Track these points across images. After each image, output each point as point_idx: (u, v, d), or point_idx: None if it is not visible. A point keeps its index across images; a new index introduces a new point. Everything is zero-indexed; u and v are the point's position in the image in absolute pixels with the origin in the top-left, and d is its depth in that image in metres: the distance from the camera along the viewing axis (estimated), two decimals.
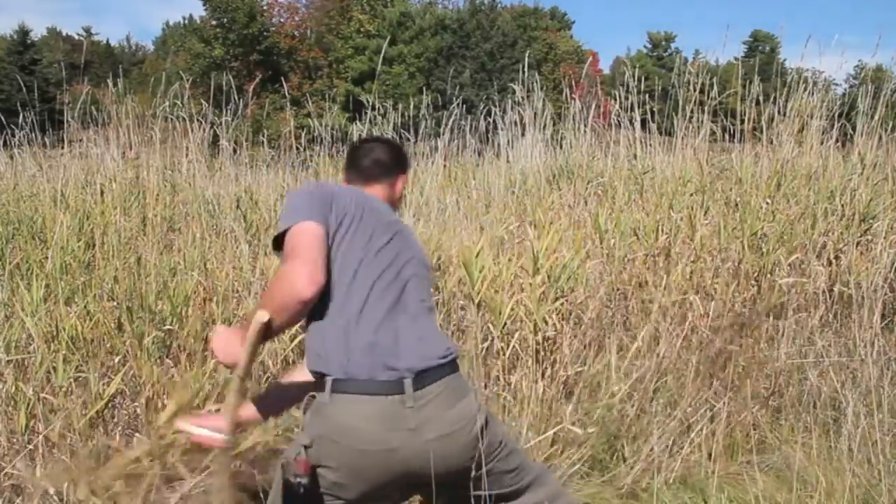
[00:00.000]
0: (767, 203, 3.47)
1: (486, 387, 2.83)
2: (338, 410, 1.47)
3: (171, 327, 2.84)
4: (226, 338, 1.48)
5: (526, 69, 4.21)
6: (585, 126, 4.49)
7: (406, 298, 1.57)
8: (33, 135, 5.10)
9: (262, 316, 1.41)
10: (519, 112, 4.24)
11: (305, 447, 1.48)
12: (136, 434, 2.40)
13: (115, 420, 2.54)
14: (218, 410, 1.70)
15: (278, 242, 1.56)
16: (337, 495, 1.51)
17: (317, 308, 1.50)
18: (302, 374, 1.69)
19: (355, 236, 1.58)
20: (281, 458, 1.61)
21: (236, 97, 4.67)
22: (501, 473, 1.61)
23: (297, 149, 4.99)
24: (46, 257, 3.20)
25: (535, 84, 4.28)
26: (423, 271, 1.66)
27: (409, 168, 1.97)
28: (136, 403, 2.56)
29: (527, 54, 4.88)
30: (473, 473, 1.55)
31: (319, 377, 1.51)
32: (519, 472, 1.66)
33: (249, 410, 1.70)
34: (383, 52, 5.49)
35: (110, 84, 4.78)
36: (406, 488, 1.59)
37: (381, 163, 1.85)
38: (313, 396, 1.53)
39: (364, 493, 1.51)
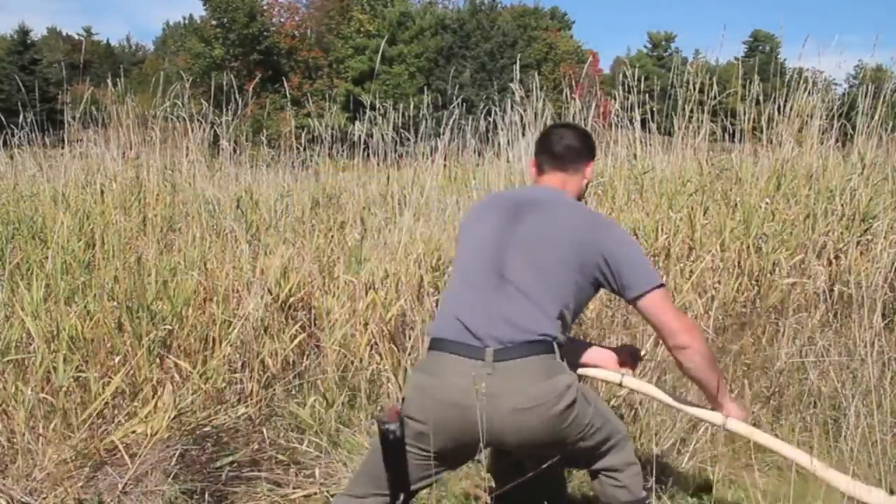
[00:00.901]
0: (767, 203, 3.46)
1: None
2: (429, 365, 1.67)
3: (170, 327, 2.84)
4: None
5: (518, 71, 4.20)
6: (585, 126, 4.49)
7: (515, 276, 1.69)
8: (33, 135, 5.10)
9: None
10: (519, 112, 4.24)
11: (403, 399, 1.66)
12: None
13: (115, 420, 2.54)
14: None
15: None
16: (421, 447, 1.64)
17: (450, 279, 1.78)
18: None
19: (487, 211, 1.85)
20: (378, 412, 1.69)
21: (236, 97, 4.67)
22: (583, 449, 1.73)
23: (298, 149, 4.99)
24: (46, 257, 3.20)
25: (534, 84, 4.27)
26: (543, 252, 1.73)
27: (595, 155, 2.06)
28: (135, 403, 2.56)
29: (518, 57, 4.87)
30: (560, 445, 1.67)
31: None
32: (602, 443, 1.77)
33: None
34: (381, 50, 5.49)
35: (110, 84, 4.78)
36: (487, 448, 1.72)
37: (574, 149, 1.95)
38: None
39: (445, 448, 1.64)
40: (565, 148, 1.94)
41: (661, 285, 1.71)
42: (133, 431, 2.38)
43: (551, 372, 1.63)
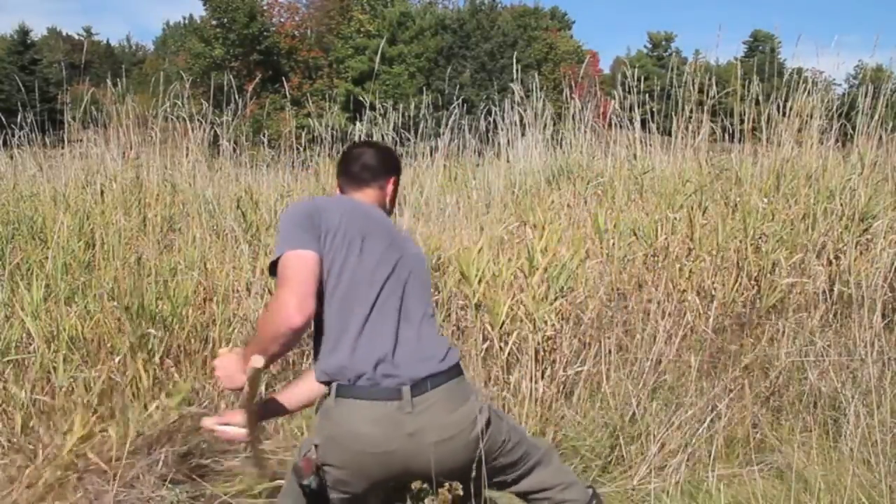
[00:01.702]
0: (767, 203, 3.47)
1: (486, 386, 2.83)
2: (342, 414, 1.55)
3: (171, 327, 2.84)
4: (228, 363, 1.60)
5: (518, 71, 4.20)
6: (585, 126, 4.49)
7: (407, 307, 1.62)
8: (33, 135, 5.10)
9: (258, 361, 1.50)
10: (519, 112, 4.24)
11: (315, 446, 1.59)
12: None
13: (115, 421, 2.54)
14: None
15: (273, 268, 1.60)
16: (342, 490, 1.61)
17: (322, 322, 1.58)
18: (311, 379, 1.73)
19: (350, 251, 1.61)
20: (292, 460, 1.72)
21: (236, 97, 4.67)
22: (504, 466, 1.70)
23: (297, 149, 4.99)
24: (46, 257, 3.20)
25: (534, 84, 4.28)
26: (421, 275, 1.70)
27: (400, 171, 1.97)
28: (134, 403, 2.56)
29: (518, 57, 4.88)
30: (474, 471, 1.62)
31: (327, 384, 1.60)
32: (521, 461, 1.74)
33: (272, 406, 1.79)
34: (381, 51, 5.49)
35: (110, 84, 4.78)
36: (409, 481, 1.67)
37: (370, 167, 1.86)
38: (324, 398, 1.62)
39: (367, 489, 1.61)
40: (362, 167, 1.86)
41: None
42: (103, 432, 2.36)
43: (464, 397, 1.61)
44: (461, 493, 1.61)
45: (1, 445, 2.35)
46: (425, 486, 1.67)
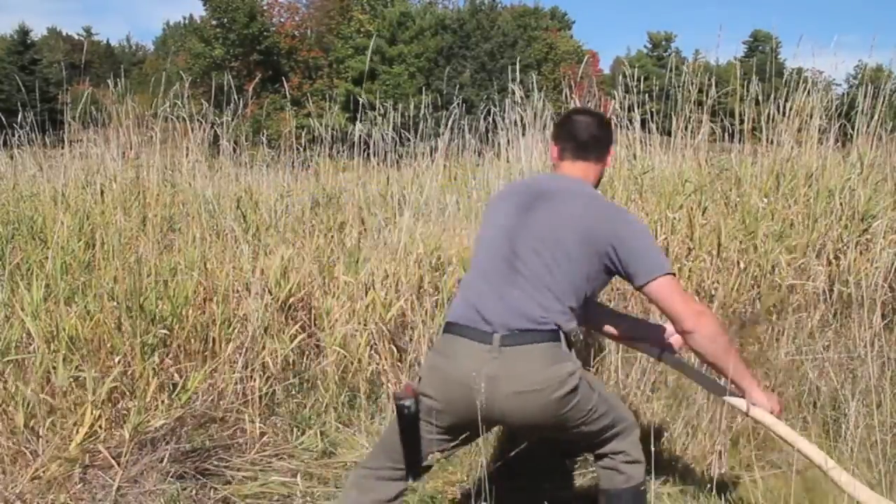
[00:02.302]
0: (766, 203, 3.46)
1: None
2: (442, 345, 1.79)
3: (171, 327, 2.84)
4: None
5: (517, 72, 4.20)
6: None
7: (527, 272, 1.76)
8: (33, 135, 5.09)
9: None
10: (519, 112, 4.24)
11: (419, 378, 1.79)
12: None
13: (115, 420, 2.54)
14: None
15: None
16: (432, 421, 1.75)
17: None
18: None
19: (494, 218, 1.89)
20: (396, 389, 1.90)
21: (236, 97, 4.67)
22: (586, 433, 1.82)
23: (298, 149, 4.99)
24: (46, 257, 3.20)
25: (533, 84, 4.27)
26: (559, 250, 1.78)
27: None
28: (135, 402, 2.56)
29: (518, 57, 4.88)
30: (562, 428, 1.77)
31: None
32: (606, 429, 1.85)
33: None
34: (370, 50, 5.48)
35: (110, 84, 4.78)
36: (491, 428, 1.83)
37: (597, 138, 1.98)
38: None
39: (454, 423, 1.75)
40: (591, 137, 1.96)
41: (669, 273, 1.76)
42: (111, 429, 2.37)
43: (555, 359, 1.71)
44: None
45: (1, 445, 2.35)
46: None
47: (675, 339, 2.08)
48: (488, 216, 1.96)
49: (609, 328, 2.17)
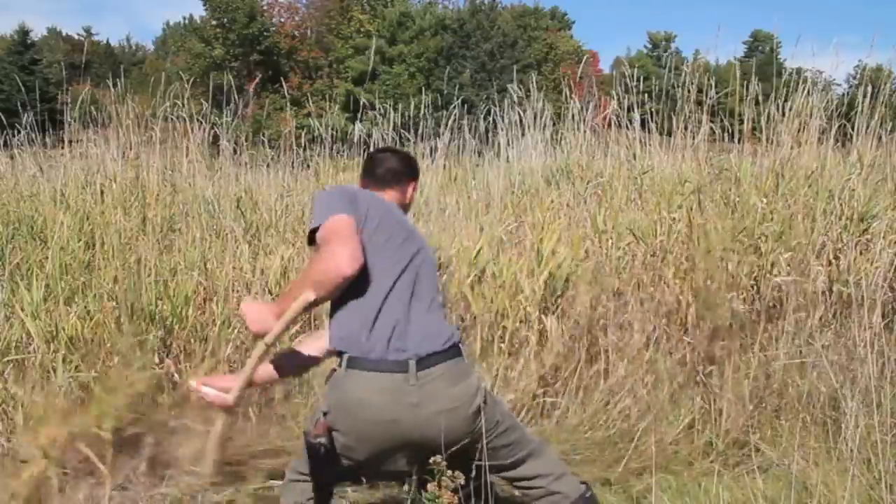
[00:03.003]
0: (766, 203, 3.46)
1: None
2: (351, 383, 1.69)
3: (171, 327, 2.84)
4: (258, 309, 1.71)
5: (516, 72, 4.21)
6: (585, 126, 4.48)
7: (419, 292, 1.76)
8: (33, 135, 5.09)
9: (310, 295, 1.61)
10: (519, 112, 4.24)
11: (324, 413, 1.72)
12: None
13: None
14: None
15: (311, 238, 1.72)
16: (349, 456, 1.74)
17: (342, 297, 1.71)
18: (309, 345, 1.96)
19: (376, 234, 1.76)
20: (304, 426, 1.89)
21: (236, 97, 4.67)
22: (499, 447, 1.81)
23: (297, 149, 4.99)
24: (46, 257, 3.20)
25: (533, 84, 4.27)
26: (432, 267, 1.86)
27: (418, 175, 2.15)
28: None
29: (517, 58, 4.88)
30: (471, 446, 1.74)
31: (338, 354, 1.74)
32: (515, 446, 1.85)
33: (264, 371, 1.88)
34: (372, 50, 5.49)
35: (110, 84, 4.77)
36: (410, 456, 1.78)
37: (394, 171, 2.03)
38: (334, 370, 1.75)
39: (371, 457, 1.74)
40: (386, 170, 2.03)
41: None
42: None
43: (465, 374, 1.76)
44: (463, 481, 1.66)
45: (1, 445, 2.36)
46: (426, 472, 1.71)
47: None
48: (367, 230, 1.80)
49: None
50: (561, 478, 1.89)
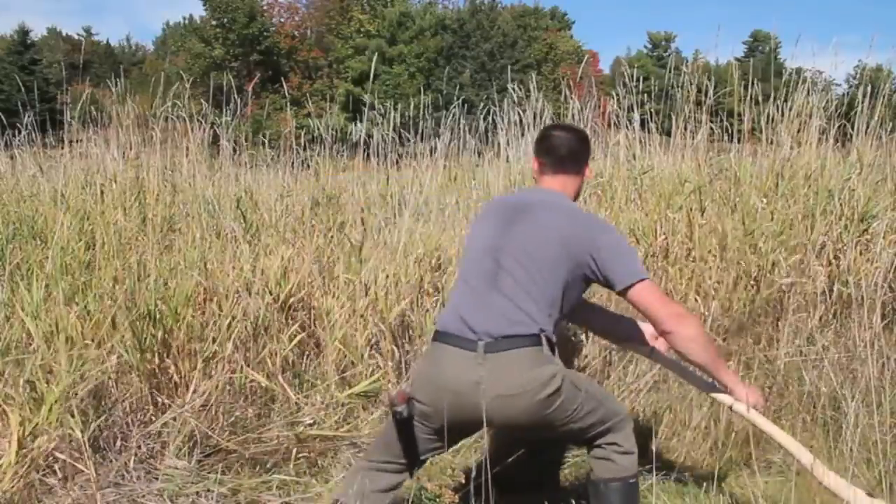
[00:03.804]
0: (766, 203, 3.46)
1: None
2: (432, 353, 1.91)
3: (170, 328, 2.84)
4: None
5: (510, 74, 4.20)
6: (585, 126, 4.48)
7: (504, 283, 1.87)
8: (34, 135, 5.09)
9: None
10: (518, 112, 4.24)
11: (411, 382, 1.93)
12: None
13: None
14: None
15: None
16: (424, 425, 1.87)
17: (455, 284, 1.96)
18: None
19: (476, 231, 2.04)
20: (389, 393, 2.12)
21: (236, 97, 4.67)
22: (575, 430, 1.92)
23: (297, 149, 4.98)
24: (46, 257, 3.19)
25: (533, 85, 4.27)
26: (532, 262, 1.90)
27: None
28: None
29: (517, 58, 4.88)
30: (549, 427, 1.87)
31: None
32: (593, 427, 1.94)
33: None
34: (372, 51, 5.49)
35: (111, 84, 4.77)
36: (479, 428, 1.88)
37: (575, 153, 2.11)
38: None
39: (444, 428, 1.84)
40: (568, 152, 2.09)
41: (646, 279, 1.89)
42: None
43: (537, 363, 1.81)
44: (462, 480, 1.78)
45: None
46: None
47: (660, 342, 2.17)
48: (474, 230, 2.10)
49: (600, 327, 2.31)
50: (628, 454, 1.97)
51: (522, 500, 2.31)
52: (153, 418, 2.57)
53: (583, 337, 3.00)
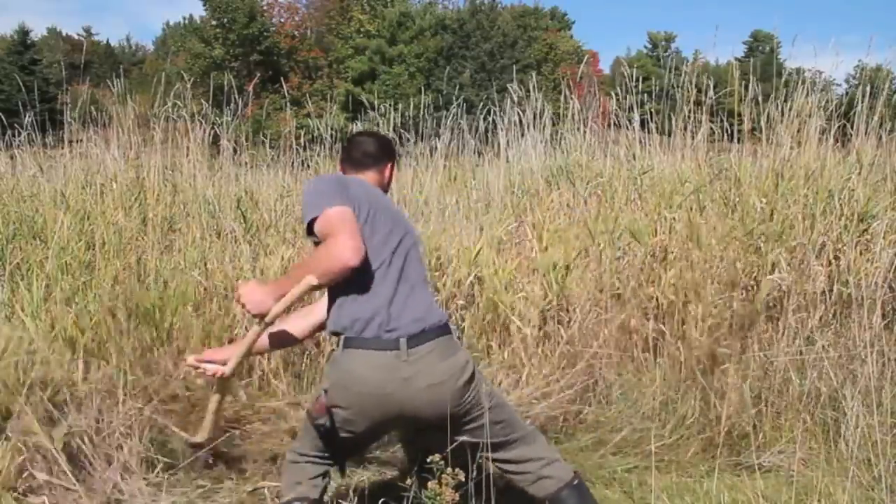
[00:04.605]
0: (766, 203, 3.46)
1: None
2: (348, 361, 1.82)
3: (170, 328, 2.84)
4: (256, 290, 1.82)
5: (516, 73, 4.21)
6: (585, 126, 4.48)
7: (407, 274, 1.87)
8: (34, 135, 5.08)
9: (313, 280, 1.71)
10: (518, 112, 4.24)
11: (325, 391, 1.84)
12: None
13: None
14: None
15: (309, 227, 1.81)
16: (348, 430, 1.86)
17: (339, 282, 1.80)
18: (297, 322, 2.09)
19: (367, 222, 1.85)
20: (306, 405, 2.06)
21: (236, 97, 4.66)
22: (490, 424, 1.89)
23: (297, 149, 4.98)
24: (46, 257, 3.19)
25: (533, 85, 4.27)
26: (418, 249, 1.96)
27: (395, 157, 2.24)
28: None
29: (517, 59, 4.89)
30: (464, 421, 1.87)
31: (336, 335, 1.86)
32: (506, 426, 1.95)
33: (259, 343, 1.99)
34: (373, 52, 5.48)
35: (111, 84, 4.77)
36: (405, 427, 1.93)
37: (370, 154, 2.12)
38: (333, 351, 1.92)
39: (369, 429, 1.87)
40: (363, 154, 2.12)
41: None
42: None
43: (453, 350, 1.87)
44: (462, 478, 1.71)
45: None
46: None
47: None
48: (359, 217, 1.91)
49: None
50: (552, 463, 1.97)
51: (522, 499, 2.32)
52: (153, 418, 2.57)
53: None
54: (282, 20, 38.69)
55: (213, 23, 36.28)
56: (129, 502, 2.27)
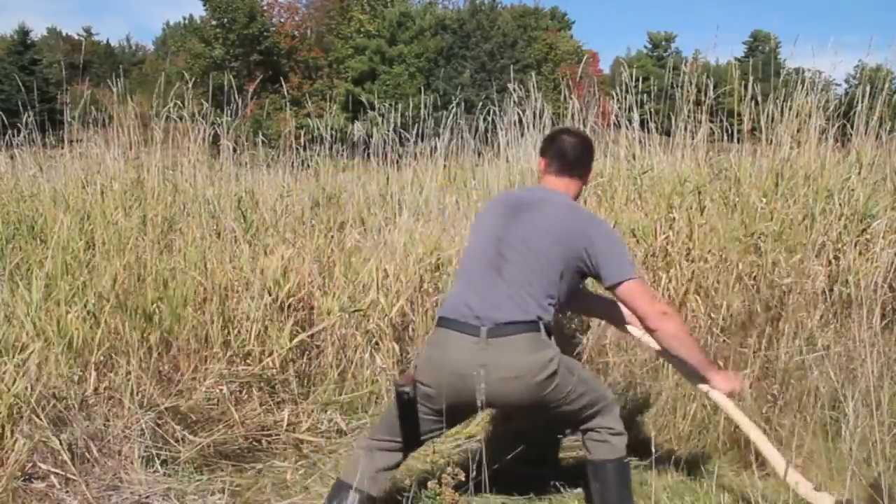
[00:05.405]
0: (765, 203, 3.46)
1: None
2: (437, 339, 2.02)
3: (170, 328, 2.84)
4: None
5: (515, 73, 4.20)
6: (585, 126, 4.48)
7: (509, 273, 1.99)
8: (34, 135, 5.08)
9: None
10: (518, 112, 4.24)
11: (416, 366, 2.03)
12: None
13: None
14: None
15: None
16: (428, 405, 1.99)
17: (457, 274, 2.11)
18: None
19: (480, 223, 2.17)
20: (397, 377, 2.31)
21: (236, 97, 4.66)
22: (567, 412, 2.05)
23: (297, 149, 4.98)
24: (46, 257, 3.19)
25: (533, 85, 4.27)
26: (534, 256, 2.01)
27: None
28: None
29: (517, 59, 4.88)
30: (545, 407, 1.99)
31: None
32: (586, 408, 2.07)
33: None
34: (373, 51, 5.48)
35: (111, 84, 4.77)
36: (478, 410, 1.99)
37: (581, 158, 2.24)
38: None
39: (447, 410, 1.96)
40: (576, 157, 2.22)
41: (636, 278, 2.02)
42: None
43: (536, 347, 1.94)
44: (462, 478, 1.83)
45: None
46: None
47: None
48: (479, 222, 2.23)
49: (602, 313, 2.47)
50: (619, 435, 2.11)
51: (521, 492, 2.32)
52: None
53: (579, 326, 3.01)
54: (282, 20, 38.72)
55: (213, 23, 36.29)
56: (128, 489, 2.28)
